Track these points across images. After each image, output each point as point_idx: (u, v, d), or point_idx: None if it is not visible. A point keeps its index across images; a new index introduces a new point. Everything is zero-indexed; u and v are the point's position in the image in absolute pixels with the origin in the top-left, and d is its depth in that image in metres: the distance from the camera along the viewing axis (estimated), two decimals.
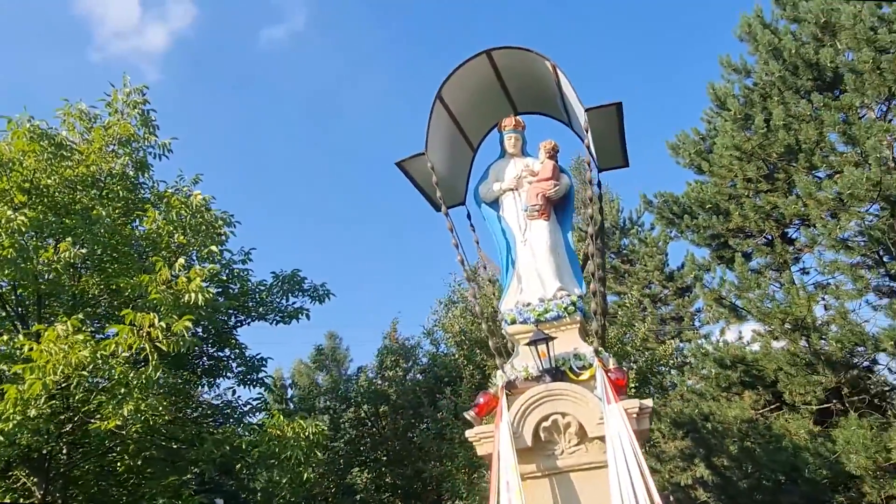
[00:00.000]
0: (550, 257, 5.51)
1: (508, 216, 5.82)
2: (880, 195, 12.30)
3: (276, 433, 9.26)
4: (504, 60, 5.79)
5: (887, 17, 13.39)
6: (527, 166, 5.93)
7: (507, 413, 4.82)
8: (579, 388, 4.85)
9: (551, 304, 5.30)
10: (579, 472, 4.78)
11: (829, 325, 13.79)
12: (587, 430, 4.73)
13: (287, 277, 12.01)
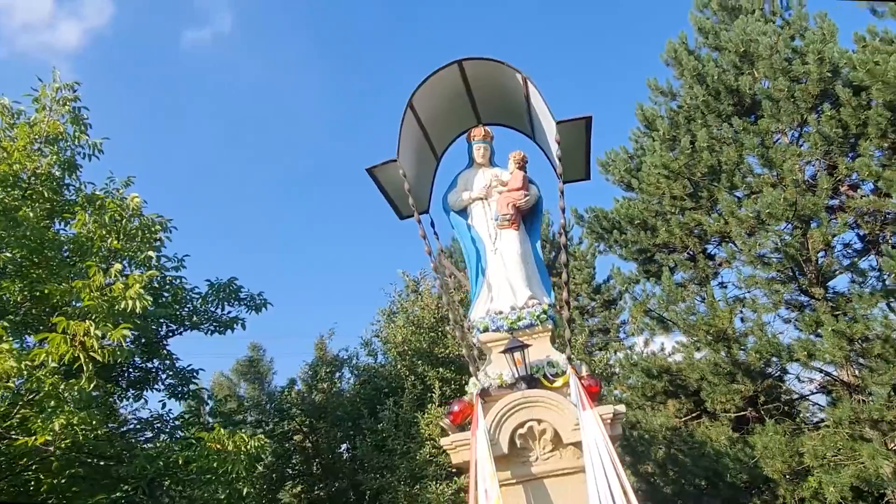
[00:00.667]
0: (521, 266, 5.59)
1: (478, 225, 5.87)
2: (795, 214, 13.12)
3: (215, 447, 8.88)
4: (474, 71, 5.85)
5: (800, 50, 14.35)
6: (496, 176, 6.00)
7: (484, 420, 4.83)
8: (555, 395, 4.93)
9: (524, 313, 5.36)
10: (553, 478, 4.84)
11: (747, 337, 14.56)
12: (562, 437, 4.80)
13: (223, 286, 11.59)
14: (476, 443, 4.72)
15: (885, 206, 13.65)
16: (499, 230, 5.74)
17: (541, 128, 6.02)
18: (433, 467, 10.27)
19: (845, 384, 14.01)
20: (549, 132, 5.79)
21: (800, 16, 14.92)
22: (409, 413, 10.97)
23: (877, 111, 12.96)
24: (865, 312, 13.28)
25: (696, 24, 16.54)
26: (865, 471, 12.33)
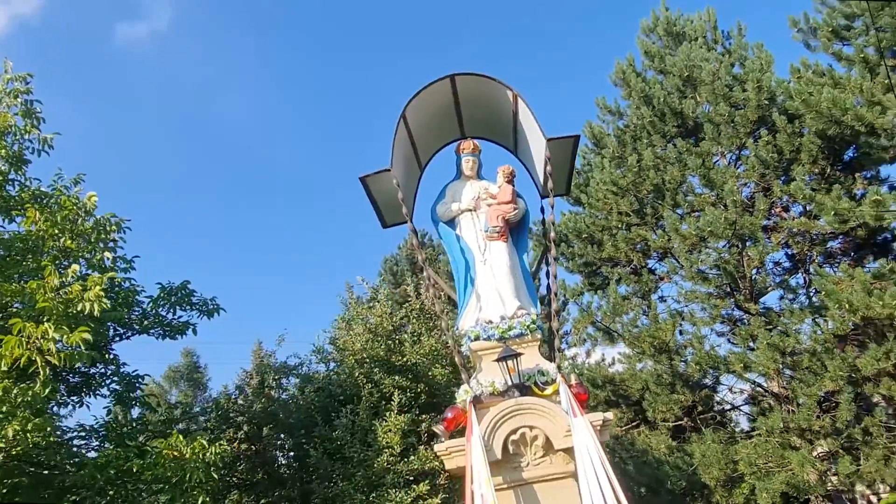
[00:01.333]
0: (510, 277, 5.76)
1: (467, 236, 6.00)
2: (734, 233, 13.84)
3: (172, 454, 8.65)
4: (464, 85, 6.01)
5: (740, 77, 15.19)
6: (485, 189, 6.16)
7: (478, 427, 4.95)
8: (547, 402, 5.10)
9: (514, 322, 5.53)
10: (544, 483, 5.01)
11: (686, 349, 15.22)
12: (553, 443, 4.98)
13: (176, 289, 11.28)
14: (471, 449, 4.84)
15: (813, 227, 14.56)
16: (488, 242, 5.90)
17: (525, 143, 6.23)
18: (391, 475, 10.26)
19: (775, 395, 14.83)
20: (535, 148, 6.01)
21: (740, 45, 15.78)
22: (365, 421, 10.93)
23: (809, 139, 13.86)
24: (796, 327, 14.14)
25: (643, 47, 17.24)
26: (794, 477, 13.08)
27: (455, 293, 6.05)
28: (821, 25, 14.32)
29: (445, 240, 6.15)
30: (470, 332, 5.64)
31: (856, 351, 13.64)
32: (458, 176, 6.38)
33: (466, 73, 5.85)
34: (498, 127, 6.44)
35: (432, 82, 5.82)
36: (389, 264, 22.40)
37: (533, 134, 5.91)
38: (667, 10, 17.25)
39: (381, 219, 6.38)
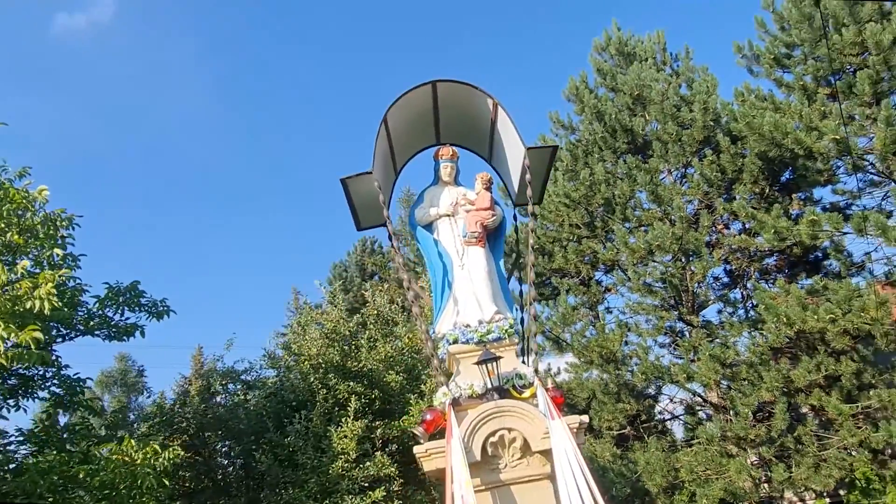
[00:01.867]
0: (487, 282, 5.86)
1: (445, 240, 6.07)
2: (680, 248, 14.36)
3: (122, 459, 8.38)
4: (445, 92, 6.10)
5: (687, 99, 15.81)
6: (463, 195, 6.24)
7: (458, 429, 5.00)
8: (526, 405, 5.21)
9: (493, 326, 5.62)
10: (520, 484, 5.10)
11: (632, 359, 15.66)
12: (531, 445, 5.08)
13: (125, 289, 10.92)
14: (451, 451, 4.89)
15: (752, 244, 15.25)
16: (466, 247, 5.99)
17: (501, 152, 6.37)
18: (346, 481, 10.18)
19: (714, 405, 15.41)
20: (513, 157, 6.15)
21: (687, 67, 16.45)
22: (319, 427, 10.82)
23: (751, 160, 14.55)
24: (734, 339, 14.75)
25: (596, 65, 17.75)
26: (732, 484, 13.61)
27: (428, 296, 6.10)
28: (763, 53, 15.07)
29: (423, 244, 6.20)
30: (448, 336, 5.70)
31: (789, 363, 14.36)
32: (435, 181, 6.46)
33: (448, 80, 5.94)
34: (474, 134, 6.56)
35: (414, 87, 5.89)
36: (339, 270, 22.25)
37: (511, 142, 6.05)
38: (619, 30, 17.83)
39: (356, 221, 6.39)
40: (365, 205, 6.16)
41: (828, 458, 13.38)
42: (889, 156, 12.71)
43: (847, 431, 12.86)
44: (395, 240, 5.83)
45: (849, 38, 13.27)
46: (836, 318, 12.21)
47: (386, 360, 11.53)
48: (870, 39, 12.83)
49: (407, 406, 11.45)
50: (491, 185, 6.24)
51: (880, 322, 12.16)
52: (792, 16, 14.12)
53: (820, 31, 13.77)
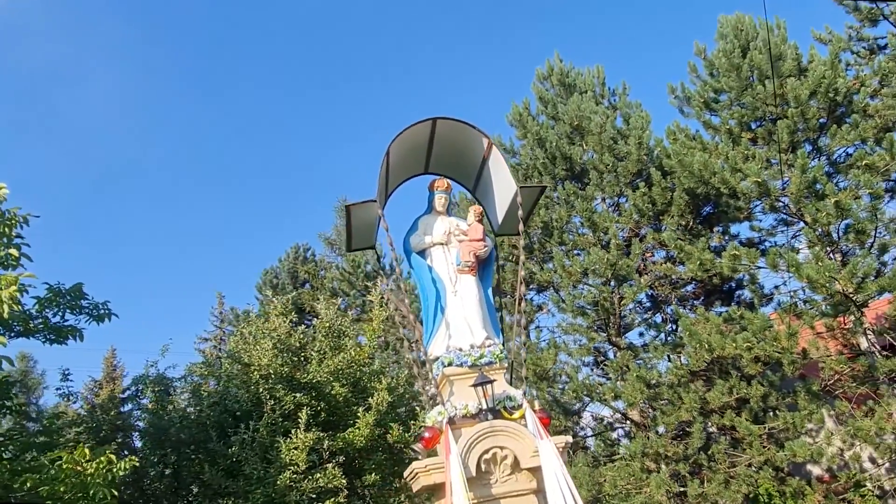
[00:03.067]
0: (479, 309, 6.32)
1: (438, 267, 6.49)
2: (614, 274, 15.33)
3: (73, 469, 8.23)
4: (443, 128, 6.54)
5: (623, 132, 16.88)
6: (456, 226, 6.68)
7: (455, 446, 5.41)
8: (517, 426, 5.68)
9: (485, 351, 6.08)
10: (509, 498, 5.57)
11: (561, 377, 16.51)
12: (520, 462, 5.56)
13: (67, 291, 10.65)
14: (450, 466, 5.29)
15: (675, 272, 16.45)
16: (458, 274, 6.43)
17: (488, 186, 6.87)
18: (294, 493, 10.31)
19: (636, 423, 16.45)
20: (501, 191, 6.67)
21: (624, 103, 17.56)
22: (266, 438, 10.88)
23: (679, 194, 15.72)
24: (657, 362, 15.85)
25: (538, 93, 18.63)
26: (651, 498, 14.61)
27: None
28: (694, 95, 16.35)
29: (417, 269, 6.59)
30: (443, 359, 6.11)
31: (704, 386, 15.58)
32: (429, 210, 6.87)
33: (449, 118, 6.39)
34: (462, 168, 7.02)
35: (417, 122, 6.31)
36: (269, 276, 22.08)
37: (501, 179, 6.56)
38: (561, 61, 18.78)
39: (349, 243, 6.71)
40: (360, 229, 6.50)
41: (737, 475, 14.61)
42: (801, 199, 14.11)
43: (756, 450, 14.10)
44: (398, 267, 6.19)
45: (771, 89, 14.65)
46: (752, 346, 13.42)
47: (335, 372, 11.72)
48: (790, 93, 14.23)
49: (354, 419, 11.69)
50: (483, 218, 6.73)
51: (789, 351, 13.47)
52: (722, 64, 15.42)
53: (746, 81, 15.11)
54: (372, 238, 6.91)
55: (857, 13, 16.10)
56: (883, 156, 13.56)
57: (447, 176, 7.20)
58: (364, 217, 6.33)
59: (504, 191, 6.63)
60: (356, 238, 6.70)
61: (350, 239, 6.67)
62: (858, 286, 12.79)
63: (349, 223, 6.40)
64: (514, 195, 6.33)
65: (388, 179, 6.75)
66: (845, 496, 14.75)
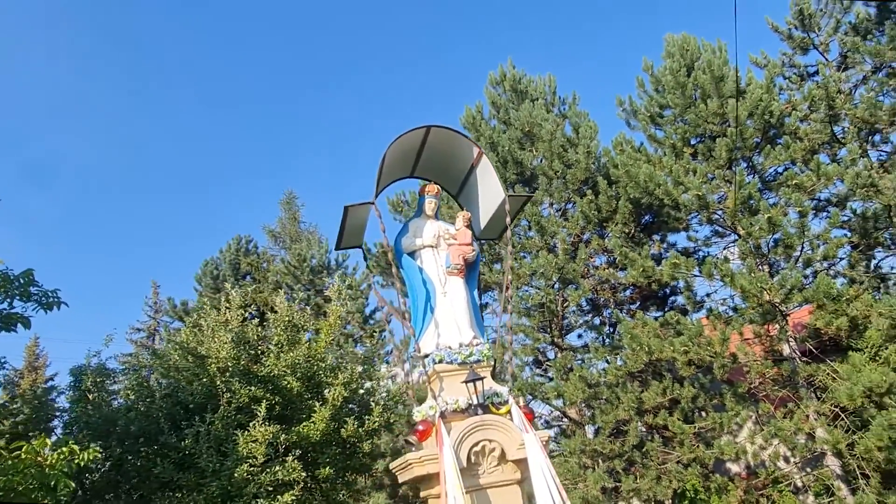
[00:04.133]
0: (467, 309, 6.69)
1: (428, 269, 6.82)
2: (561, 277, 16.01)
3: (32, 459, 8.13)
4: (435, 135, 6.89)
5: (573, 141, 17.60)
6: (446, 230, 7.03)
7: (448, 438, 5.77)
8: (505, 420, 6.09)
9: (474, 350, 6.46)
10: (495, 488, 5.97)
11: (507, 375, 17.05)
12: (507, 454, 5.97)
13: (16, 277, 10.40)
14: (444, 457, 5.65)
15: (616, 277, 17.31)
16: (448, 276, 6.78)
17: (473, 192, 7.27)
18: (252, 485, 10.40)
19: (574, 421, 17.22)
20: (485, 198, 7.08)
21: (574, 112, 18.29)
22: (222, 431, 10.91)
23: (624, 204, 16.55)
24: (598, 363, 16.66)
25: (490, 98, 19.17)
26: (587, 493, 15.37)
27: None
28: (640, 109, 17.22)
29: (407, 270, 6.90)
30: (434, 356, 6.45)
31: (640, 387, 16.49)
32: (419, 214, 7.20)
33: (443, 126, 6.74)
34: (448, 173, 7.39)
35: (412, 129, 6.63)
36: (210, 267, 21.74)
37: (487, 186, 6.96)
38: (513, 67, 19.36)
39: (339, 241, 6.96)
40: (351, 229, 6.77)
41: (667, 472, 15.55)
42: (737, 213, 15.16)
43: (687, 448, 15.06)
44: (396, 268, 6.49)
45: (713, 108, 15.65)
46: (689, 349, 14.34)
47: (292, 366, 11.86)
48: (730, 113, 15.25)
49: (309, 413, 11.85)
50: (470, 224, 7.10)
51: (721, 356, 14.47)
52: (668, 81, 16.33)
53: (690, 99, 16.07)
54: (360, 238, 7.19)
55: (791, 41, 17.36)
56: (810, 176, 14.74)
57: (431, 179, 7.55)
58: (355, 217, 6.61)
59: (490, 197, 7.03)
60: (348, 238, 6.96)
61: (341, 238, 6.93)
62: (786, 297, 13.88)
63: (343, 223, 6.66)
64: (502, 202, 6.75)
65: (380, 181, 7.03)
66: (764, 492, 15.95)
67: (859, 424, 13.94)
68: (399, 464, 6.32)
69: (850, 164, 14.21)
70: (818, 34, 16.96)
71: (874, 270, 16.87)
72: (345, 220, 6.63)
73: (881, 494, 13.75)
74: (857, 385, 13.22)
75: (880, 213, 14.59)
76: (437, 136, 6.92)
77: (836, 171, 14.56)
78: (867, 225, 14.96)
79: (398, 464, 6.35)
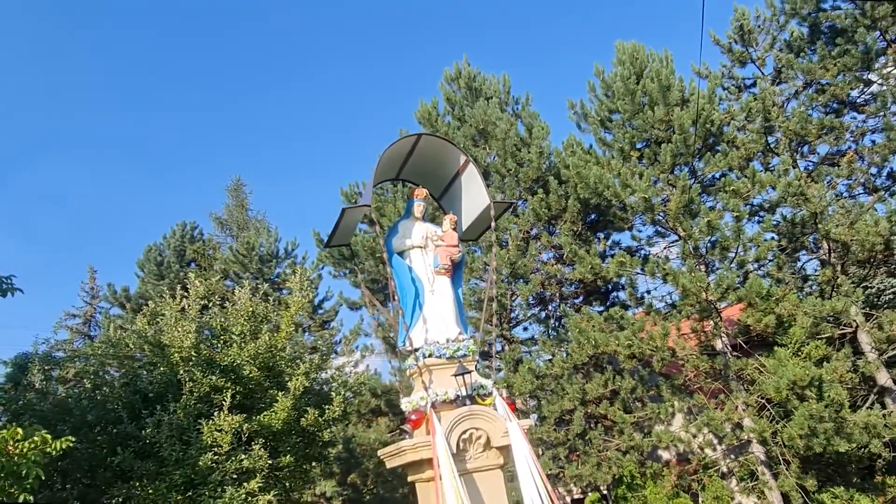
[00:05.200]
0: (453, 306, 7.20)
1: (417, 268, 7.29)
2: (512, 272, 16.72)
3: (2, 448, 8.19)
4: (426, 142, 7.35)
5: (526, 140, 18.30)
6: (434, 233, 7.50)
7: (440, 426, 6.28)
8: (491, 410, 6.64)
9: (461, 345, 6.97)
10: (480, 472, 6.53)
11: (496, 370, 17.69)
12: (492, 441, 6.53)
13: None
14: (437, 444, 6.15)
15: (562, 272, 18.16)
16: (435, 275, 7.27)
17: (456, 196, 7.80)
18: (217, 473, 10.64)
19: (521, 411, 18.01)
20: (468, 203, 7.63)
21: (528, 113, 18.99)
22: (184, 420, 11.08)
23: (573, 203, 17.38)
24: (545, 355, 17.49)
25: (446, 94, 19.66)
26: None
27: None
28: (591, 113, 18.07)
29: (398, 268, 7.34)
30: (425, 350, 6.93)
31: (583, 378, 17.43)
32: (407, 215, 7.65)
33: (435, 134, 7.22)
34: (432, 178, 7.87)
35: (405, 136, 7.08)
36: (153, 253, 21.42)
37: (472, 192, 7.49)
38: (469, 65, 19.90)
39: (330, 240, 7.35)
40: (344, 229, 7.18)
41: (607, 458, 16.54)
42: (679, 215, 16.19)
43: (626, 436, 16.07)
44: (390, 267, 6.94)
45: (659, 115, 16.61)
46: (632, 343, 15.30)
47: (255, 356, 12.10)
48: (675, 121, 16.24)
49: (270, 402, 12.14)
50: (456, 226, 7.61)
51: (661, 350, 15.50)
52: (618, 88, 17.21)
53: (638, 106, 16.99)
54: (349, 237, 7.59)
55: (731, 54, 18.52)
56: (746, 183, 15.89)
57: (415, 182, 8.02)
58: (349, 219, 7.03)
59: (473, 203, 7.56)
60: (340, 237, 7.36)
61: (332, 236, 7.32)
62: (722, 295, 14.99)
63: (338, 223, 7.06)
64: (487, 208, 7.29)
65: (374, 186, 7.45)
66: (695, 477, 17.15)
67: (783, 414, 15.22)
68: (391, 450, 6.79)
69: (783, 173, 15.41)
70: (755, 49, 18.16)
71: (798, 272, 18.32)
72: (339, 221, 7.02)
73: (800, 478, 15.09)
74: (782, 379, 14.43)
75: (807, 220, 15.89)
76: (427, 143, 7.40)
77: (769, 179, 15.76)
78: (795, 230, 16.26)
79: (390, 450, 6.82)
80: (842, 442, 14.00)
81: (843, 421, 14.18)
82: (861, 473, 17.07)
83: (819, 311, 14.82)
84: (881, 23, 15.65)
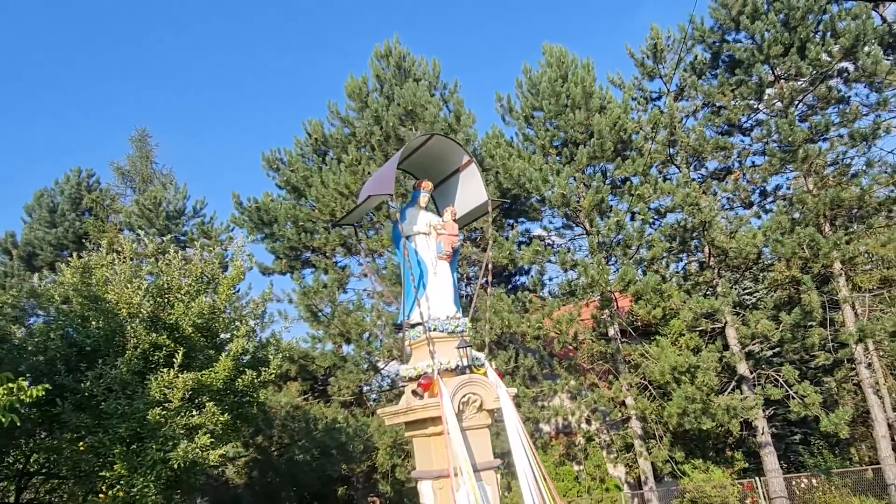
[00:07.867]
0: (451, 288, 8.39)
1: (422, 252, 8.39)
2: None
3: None
4: (436, 141, 8.47)
5: (454, 126, 19.58)
6: (438, 221, 8.61)
7: (447, 390, 7.50)
8: (485, 378, 7.92)
9: (459, 322, 8.18)
10: (473, 430, 7.81)
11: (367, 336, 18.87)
12: (484, 405, 7.84)
13: None
14: (444, 405, 7.37)
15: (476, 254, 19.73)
16: (438, 260, 8.41)
17: (453, 190, 8.99)
18: (168, 427, 11.20)
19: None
20: (464, 197, 8.84)
21: (456, 101, 20.26)
22: (126, 375, 11.48)
23: (493, 192, 18.92)
24: None
25: (375, 70, 20.49)
26: None
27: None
28: (515, 108, 19.65)
29: (405, 250, 8.39)
30: (430, 324, 8.08)
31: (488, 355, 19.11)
32: (412, 204, 8.71)
33: (447, 136, 8.33)
34: (429, 171, 8.98)
35: (423, 135, 8.15)
36: (45, 199, 20.60)
37: (470, 189, 8.71)
38: (399, 44, 20.80)
39: (344, 219, 8.30)
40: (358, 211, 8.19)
41: None
42: (590, 212, 18.19)
43: (525, 409, 17.99)
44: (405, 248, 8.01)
45: (580, 118, 18.47)
46: (541, 325, 17.17)
47: (199, 315, 12.63)
48: (595, 126, 18.16)
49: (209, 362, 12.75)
50: (456, 217, 8.77)
51: (566, 333, 17.51)
52: (544, 88, 18.87)
53: (561, 107, 18.76)
54: (358, 218, 8.56)
55: (643, 68, 20.74)
56: (648, 188, 18.15)
57: (413, 173, 9.10)
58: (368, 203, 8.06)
59: (469, 198, 8.78)
60: (351, 217, 8.34)
61: (347, 217, 8.26)
62: (624, 287, 17.18)
63: (358, 206, 8.04)
64: (484, 203, 8.54)
65: None
66: (579, 447, 19.48)
67: (661, 395, 17.75)
68: (400, 408, 7.94)
69: (684, 184, 17.78)
70: (664, 66, 20.48)
71: (680, 272, 21.05)
72: (360, 205, 8.01)
73: (671, 450, 17.72)
74: (664, 364, 16.85)
75: (697, 226, 18.42)
76: (436, 141, 8.52)
77: (669, 187, 18.11)
78: (686, 234, 18.77)
79: (399, 408, 7.96)
80: (707, 420, 16.63)
81: (710, 402, 16.81)
82: (716, 448, 20.16)
83: (700, 307, 17.38)
84: (773, 60, 18.32)
